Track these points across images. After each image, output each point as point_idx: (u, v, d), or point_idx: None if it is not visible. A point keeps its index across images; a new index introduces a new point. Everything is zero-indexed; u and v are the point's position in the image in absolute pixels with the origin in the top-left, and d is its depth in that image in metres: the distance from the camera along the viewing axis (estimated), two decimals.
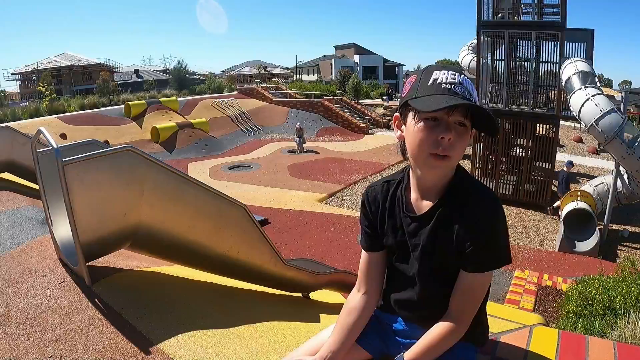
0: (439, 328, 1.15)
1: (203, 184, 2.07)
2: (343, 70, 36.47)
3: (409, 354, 1.14)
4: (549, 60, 12.77)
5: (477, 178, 6.01)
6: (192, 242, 2.10)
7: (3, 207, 2.99)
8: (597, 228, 9.31)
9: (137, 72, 42.81)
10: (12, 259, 2.09)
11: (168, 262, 2.34)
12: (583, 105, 9.82)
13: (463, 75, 1.07)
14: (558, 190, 11.26)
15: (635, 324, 3.12)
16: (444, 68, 1.08)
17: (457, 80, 1.05)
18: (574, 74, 10.64)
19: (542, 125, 12.37)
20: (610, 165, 11.19)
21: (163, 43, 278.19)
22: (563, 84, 11.07)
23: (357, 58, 51.39)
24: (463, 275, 1.14)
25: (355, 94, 29.55)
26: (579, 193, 10.09)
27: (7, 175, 3.91)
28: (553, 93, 12.76)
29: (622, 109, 9.71)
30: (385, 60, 53.47)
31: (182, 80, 33.97)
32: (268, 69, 50.26)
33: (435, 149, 1.05)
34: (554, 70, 12.51)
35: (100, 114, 19.42)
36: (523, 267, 7.60)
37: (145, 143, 17.50)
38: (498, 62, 13.59)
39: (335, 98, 25.67)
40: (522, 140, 12.70)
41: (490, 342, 1.51)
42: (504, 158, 12.96)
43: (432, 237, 1.16)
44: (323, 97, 25.83)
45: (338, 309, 1.34)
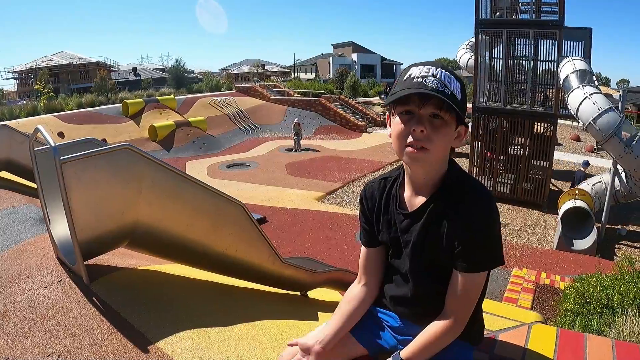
0: (436, 327, 1.14)
1: (201, 182, 2.06)
2: (341, 69, 36.38)
3: (406, 352, 1.14)
4: (547, 59, 12.77)
5: (474, 177, 5.98)
6: (190, 240, 2.09)
7: (0, 205, 2.98)
8: (594, 226, 9.34)
9: (134, 70, 42.65)
10: (9, 258, 2.09)
11: (166, 260, 2.34)
12: (581, 104, 9.85)
13: (440, 69, 1.05)
14: None
15: (633, 322, 3.13)
16: (425, 64, 1.07)
17: (430, 73, 1.03)
18: (572, 73, 10.66)
19: (539, 124, 12.40)
20: (608, 164, 11.22)
21: (161, 42, 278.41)
22: (561, 83, 11.09)
23: (355, 56, 51.37)
24: (458, 275, 1.12)
25: (353, 93, 29.49)
26: (577, 191, 10.12)
27: (4, 174, 3.90)
28: (551, 91, 12.77)
29: (619, 108, 9.73)
30: (383, 59, 53.51)
31: (179, 79, 33.92)
32: (266, 68, 50.16)
33: (410, 141, 1.05)
34: (552, 69, 12.52)
35: (98, 113, 19.40)
36: (521, 265, 7.61)
37: (143, 141, 17.47)
38: (496, 60, 13.60)
39: (333, 96, 25.68)
40: (520, 139, 12.73)
41: (489, 339, 1.51)
42: (502, 157, 12.98)
43: (422, 233, 1.15)
44: (321, 95, 25.79)
45: (336, 307, 1.34)
